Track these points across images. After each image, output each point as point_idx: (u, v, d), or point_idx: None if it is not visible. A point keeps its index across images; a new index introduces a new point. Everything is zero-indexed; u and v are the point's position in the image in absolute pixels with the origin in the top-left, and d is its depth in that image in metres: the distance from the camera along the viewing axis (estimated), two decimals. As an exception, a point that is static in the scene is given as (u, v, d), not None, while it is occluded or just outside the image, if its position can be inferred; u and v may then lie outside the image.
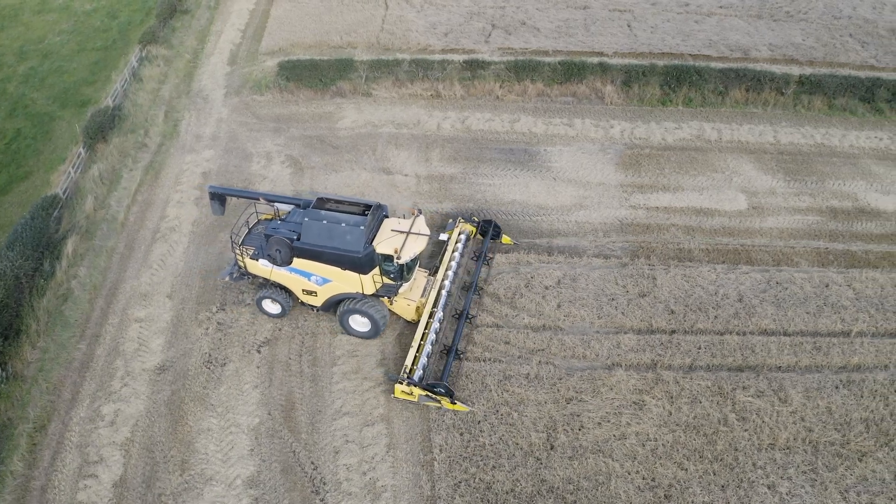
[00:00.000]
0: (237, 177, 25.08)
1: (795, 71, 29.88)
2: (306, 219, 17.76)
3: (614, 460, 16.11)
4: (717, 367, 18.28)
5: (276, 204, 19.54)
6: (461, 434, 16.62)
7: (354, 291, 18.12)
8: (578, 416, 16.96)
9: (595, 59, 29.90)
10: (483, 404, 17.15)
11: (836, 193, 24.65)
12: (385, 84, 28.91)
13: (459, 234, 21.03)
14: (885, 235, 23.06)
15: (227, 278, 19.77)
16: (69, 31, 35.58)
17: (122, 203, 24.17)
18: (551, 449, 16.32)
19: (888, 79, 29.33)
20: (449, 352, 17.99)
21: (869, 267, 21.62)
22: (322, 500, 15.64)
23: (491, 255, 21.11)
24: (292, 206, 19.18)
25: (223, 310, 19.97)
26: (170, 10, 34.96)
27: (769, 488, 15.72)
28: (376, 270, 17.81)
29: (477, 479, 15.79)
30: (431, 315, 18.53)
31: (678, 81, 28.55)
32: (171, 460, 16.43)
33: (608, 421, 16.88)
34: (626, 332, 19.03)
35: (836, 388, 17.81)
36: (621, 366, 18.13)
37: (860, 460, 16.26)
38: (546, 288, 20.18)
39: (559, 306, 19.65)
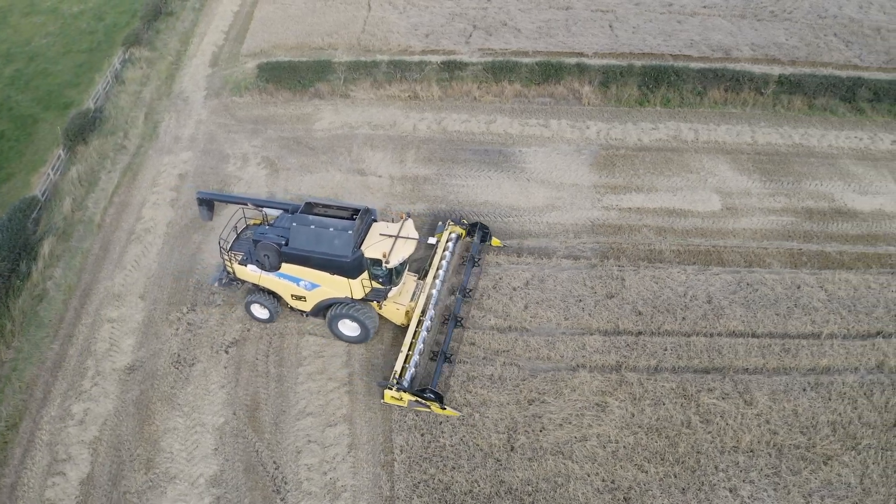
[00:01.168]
0: (213, 178, 25.21)
1: (777, 71, 29.68)
2: (294, 224, 17.73)
3: (574, 462, 16.13)
4: (682, 369, 18.25)
5: (264, 209, 19.57)
6: (422, 435, 16.70)
7: (343, 296, 18.10)
8: (540, 417, 16.98)
9: (573, 60, 29.79)
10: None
11: (812, 194, 24.50)
12: (363, 85, 28.95)
13: (447, 242, 20.81)
14: (860, 236, 22.89)
15: (216, 284, 19.92)
16: (56, 34, 35.81)
17: (99, 204, 24.37)
18: (511, 450, 16.36)
19: (870, 78, 29.12)
20: (439, 356, 17.92)
21: (843, 268, 21.46)
22: (283, 499, 15.77)
23: (478, 262, 20.89)
24: (280, 211, 19.17)
25: (194, 310, 20.12)
26: (154, 13, 35.10)
27: (731, 492, 15.68)
28: (365, 275, 17.75)
29: (436, 480, 15.86)
30: (423, 315, 18.43)
31: (656, 82, 28.39)
32: (136, 459, 16.62)
33: (570, 422, 16.89)
34: (591, 334, 19.02)
35: (804, 390, 17.73)
36: (585, 367, 18.14)
37: (825, 464, 16.17)
38: (514, 289, 20.20)
39: (526, 307, 19.67)
